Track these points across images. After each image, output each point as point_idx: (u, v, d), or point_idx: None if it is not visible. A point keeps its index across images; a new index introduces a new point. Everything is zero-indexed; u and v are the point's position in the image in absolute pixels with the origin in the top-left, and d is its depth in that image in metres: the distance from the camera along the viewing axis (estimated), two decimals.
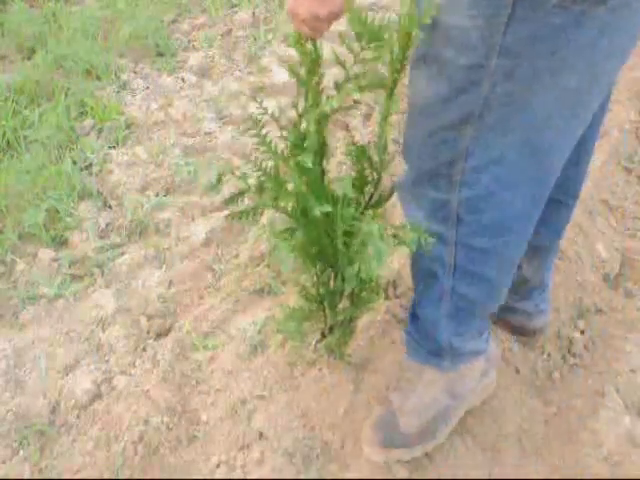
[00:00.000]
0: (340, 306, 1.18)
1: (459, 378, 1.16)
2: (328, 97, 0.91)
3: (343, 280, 1.06)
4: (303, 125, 0.94)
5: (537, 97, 0.77)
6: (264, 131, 0.95)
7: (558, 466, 1.17)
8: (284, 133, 0.94)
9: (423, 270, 1.04)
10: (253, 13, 2.57)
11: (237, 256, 1.60)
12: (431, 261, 0.99)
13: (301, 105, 0.94)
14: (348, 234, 0.97)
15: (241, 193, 0.97)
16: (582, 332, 1.40)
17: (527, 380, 1.30)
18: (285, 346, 1.34)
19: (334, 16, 0.84)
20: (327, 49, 0.92)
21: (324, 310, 1.18)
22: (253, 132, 0.94)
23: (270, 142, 0.96)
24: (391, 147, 1.86)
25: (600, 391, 1.26)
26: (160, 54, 2.37)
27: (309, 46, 0.90)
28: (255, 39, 2.44)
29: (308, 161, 0.88)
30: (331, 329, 1.23)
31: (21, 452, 1.21)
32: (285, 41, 2.42)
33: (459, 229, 0.93)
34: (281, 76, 2.23)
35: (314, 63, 0.90)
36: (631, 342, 1.36)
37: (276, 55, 2.35)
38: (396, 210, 1.61)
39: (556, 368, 1.33)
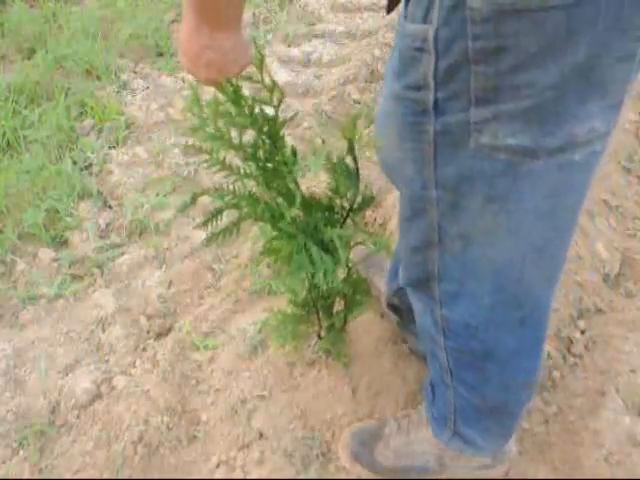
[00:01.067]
0: (335, 308, 1.18)
1: (455, 457, 1.10)
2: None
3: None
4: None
5: (493, 238, 0.72)
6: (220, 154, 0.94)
7: (558, 466, 1.17)
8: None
9: (429, 351, 0.99)
10: (253, 13, 2.56)
11: (237, 256, 1.60)
12: (432, 351, 0.96)
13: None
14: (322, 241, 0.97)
15: (218, 212, 0.96)
16: (582, 332, 1.40)
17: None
18: (284, 346, 1.34)
19: (244, 69, 0.79)
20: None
21: (317, 313, 1.18)
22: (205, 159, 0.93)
23: (228, 165, 0.95)
24: None
25: (600, 391, 1.26)
26: (160, 54, 2.37)
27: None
28: (255, 39, 2.44)
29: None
30: (328, 330, 1.23)
31: (21, 452, 1.21)
32: (285, 41, 2.42)
33: (445, 341, 0.90)
34: (281, 76, 2.23)
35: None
36: (631, 342, 1.35)
37: (276, 55, 2.35)
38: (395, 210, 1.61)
39: (556, 368, 1.33)
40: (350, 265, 1.08)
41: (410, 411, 1.19)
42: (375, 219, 1.65)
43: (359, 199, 0.97)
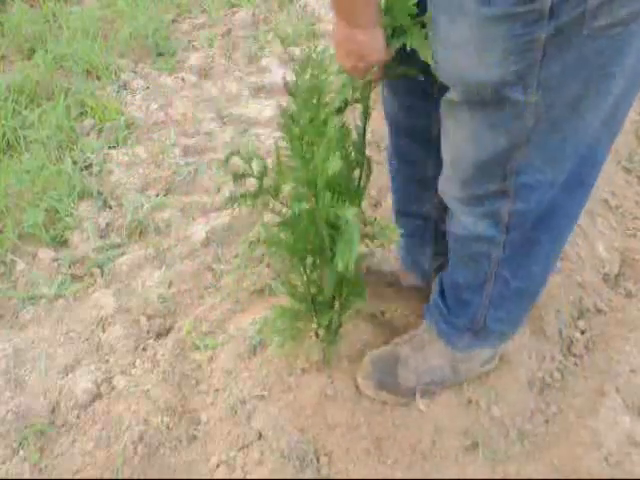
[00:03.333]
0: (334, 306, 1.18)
1: (466, 360, 1.22)
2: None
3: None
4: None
5: (582, 121, 0.81)
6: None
7: (558, 466, 1.17)
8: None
9: (467, 255, 1.07)
10: (253, 13, 2.57)
11: (237, 256, 1.60)
12: (478, 249, 1.03)
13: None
14: (333, 226, 0.98)
15: (244, 175, 0.99)
16: (582, 332, 1.40)
17: (527, 380, 1.30)
18: (283, 346, 1.34)
19: (380, 59, 0.89)
20: None
21: (315, 310, 1.18)
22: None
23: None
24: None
25: (600, 391, 1.26)
26: (160, 54, 2.37)
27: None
28: (255, 39, 2.44)
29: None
30: (325, 330, 1.23)
31: (21, 452, 1.21)
32: (285, 41, 2.42)
33: (509, 234, 0.97)
34: (281, 76, 2.23)
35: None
36: (631, 342, 1.35)
37: (276, 55, 2.35)
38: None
39: (556, 368, 1.33)
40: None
41: (416, 332, 1.27)
42: (375, 219, 1.64)
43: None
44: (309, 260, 1.07)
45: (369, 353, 1.27)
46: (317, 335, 1.28)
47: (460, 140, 0.89)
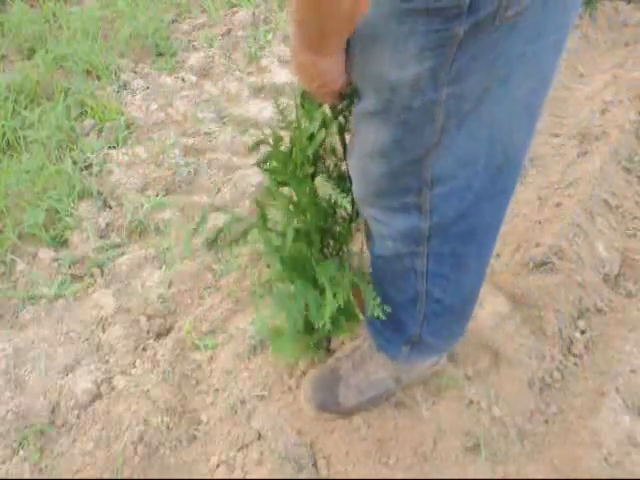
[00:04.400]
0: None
1: (409, 369, 1.21)
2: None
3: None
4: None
5: (490, 114, 0.78)
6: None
7: (558, 466, 1.17)
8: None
9: (393, 273, 1.03)
10: (253, 13, 2.56)
11: (237, 256, 1.60)
12: (403, 266, 0.99)
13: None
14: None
15: (220, 231, 0.99)
16: (582, 332, 1.40)
17: (527, 380, 1.30)
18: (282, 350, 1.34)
19: (341, 87, 0.85)
20: None
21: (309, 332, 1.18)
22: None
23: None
24: None
25: (600, 391, 1.26)
26: (160, 54, 2.37)
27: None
28: (255, 39, 2.44)
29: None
30: (317, 346, 1.24)
31: (21, 452, 1.21)
32: (285, 41, 2.42)
33: (430, 247, 0.94)
34: (281, 76, 2.23)
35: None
36: (631, 342, 1.35)
37: (276, 55, 2.35)
38: None
39: (556, 368, 1.33)
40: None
41: (357, 343, 1.25)
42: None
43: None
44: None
45: (309, 373, 1.26)
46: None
47: (372, 153, 0.86)
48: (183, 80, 2.24)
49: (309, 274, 1.00)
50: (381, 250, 1.00)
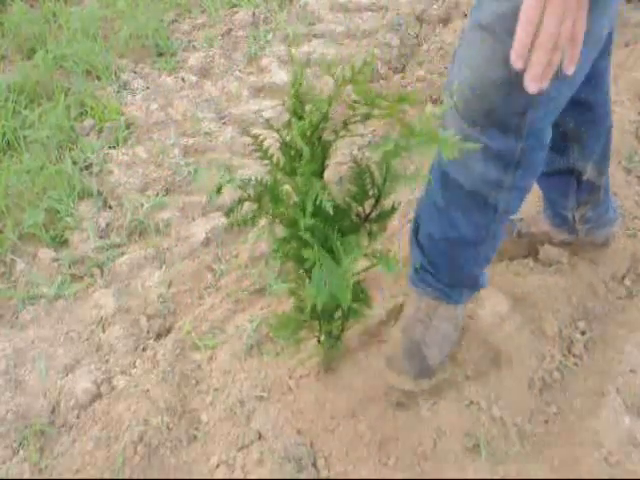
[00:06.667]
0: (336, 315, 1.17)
1: (462, 311, 1.28)
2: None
3: None
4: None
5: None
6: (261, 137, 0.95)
7: (558, 466, 1.16)
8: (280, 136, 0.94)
9: (472, 207, 1.08)
10: (253, 13, 2.56)
11: (237, 256, 1.60)
12: (485, 199, 1.05)
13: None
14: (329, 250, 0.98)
15: (240, 201, 0.98)
16: (582, 332, 1.39)
17: (527, 380, 1.30)
18: (283, 349, 1.34)
19: None
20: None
21: (318, 319, 1.17)
22: (249, 137, 0.94)
23: (266, 150, 0.96)
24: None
25: (600, 391, 1.26)
26: (160, 54, 2.37)
27: None
28: (255, 39, 2.44)
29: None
30: (327, 336, 1.23)
31: (21, 452, 1.21)
32: (285, 41, 2.42)
33: (517, 171, 1.01)
34: (281, 76, 2.23)
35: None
36: (631, 342, 1.35)
37: (276, 55, 2.35)
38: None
39: (556, 368, 1.33)
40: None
41: (416, 306, 1.27)
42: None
43: (378, 209, 0.98)
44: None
45: (391, 349, 1.26)
46: (319, 340, 1.27)
47: (492, 59, 0.86)
48: (183, 80, 2.24)
49: (328, 249, 0.99)
50: (467, 178, 1.04)
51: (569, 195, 1.37)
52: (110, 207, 1.76)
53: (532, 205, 1.68)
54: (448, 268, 1.19)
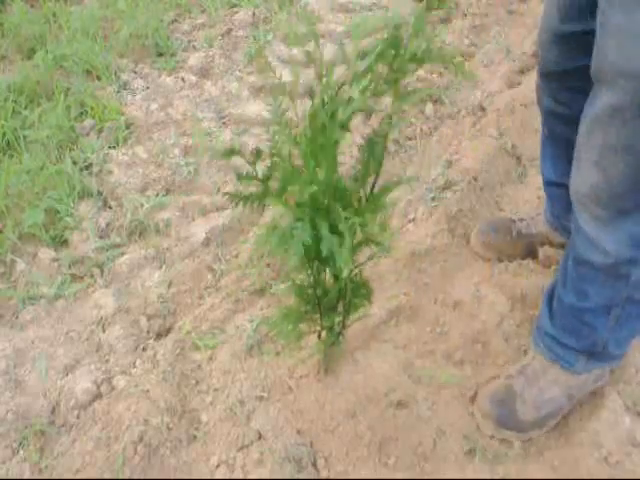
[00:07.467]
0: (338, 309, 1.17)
1: (581, 384, 1.21)
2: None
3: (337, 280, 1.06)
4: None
5: None
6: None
7: (558, 466, 1.17)
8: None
9: (603, 282, 1.05)
10: (253, 13, 2.56)
11: (237, 256, 1.60)
12: (617, 273, 1.02)
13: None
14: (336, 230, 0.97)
15: (248, 177, 0.97)
16: None
17: None
18: (281, 352, 1.34)
19: None
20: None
21: (320, 312, 1.17)
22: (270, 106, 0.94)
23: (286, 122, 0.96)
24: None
25: (600, 391, 1.26)
26: (160, 54, 2.37)
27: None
28: (255, 39, 2.44)
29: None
30: (328, 331, 1.23)
31: (21, 452, 1.21)
32: (285, 41, 2.42)
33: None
34: (281, 76, 2.23)
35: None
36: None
37: (276, 55, 2.35)
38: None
39: None
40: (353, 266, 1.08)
41: (525, 362, 1.25)
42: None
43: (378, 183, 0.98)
44: (317, 262, 1.07)
45: (483, 390, 1.25)
46: (319, 336, 1.27)
47: (619, 149, 0.86)
48: (183, 80, 2.24)
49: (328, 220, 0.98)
50: (599, 258, 1.00)
51: (570, 207, 1.36)
52: (110, 207, 1.76)
53: (532, 205, 1.69)
54: (575, 333, 1.14)
